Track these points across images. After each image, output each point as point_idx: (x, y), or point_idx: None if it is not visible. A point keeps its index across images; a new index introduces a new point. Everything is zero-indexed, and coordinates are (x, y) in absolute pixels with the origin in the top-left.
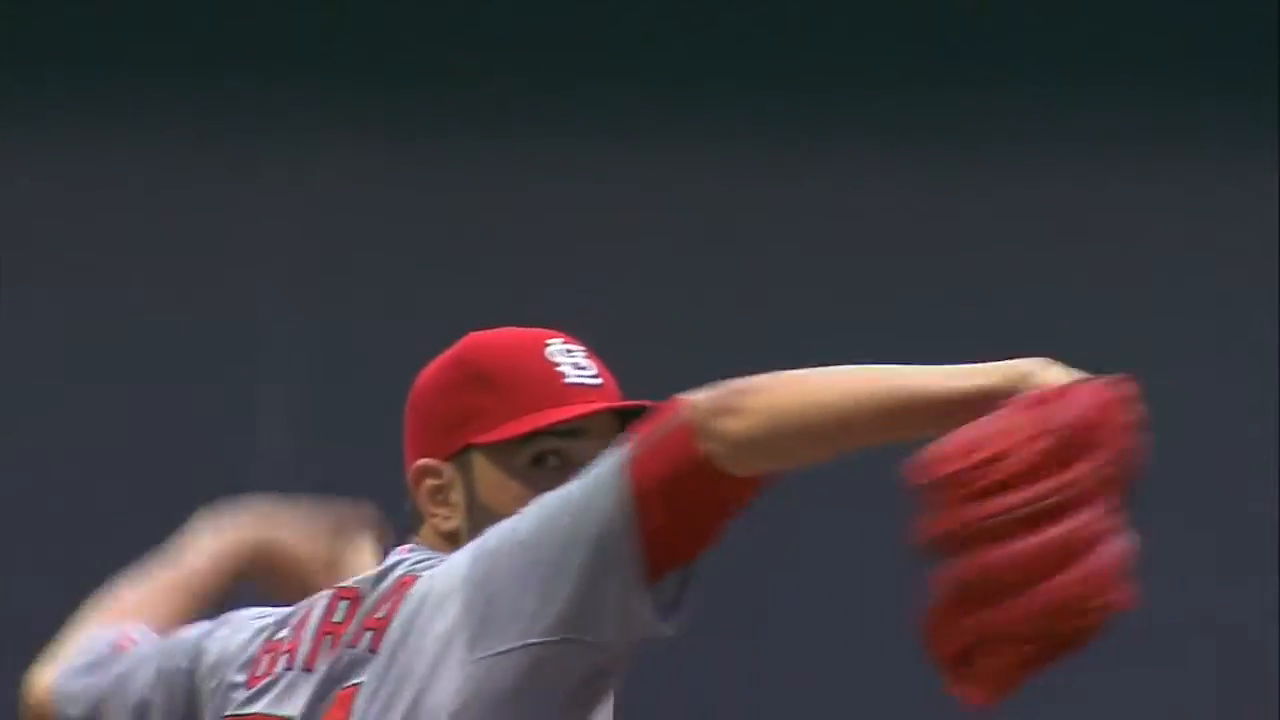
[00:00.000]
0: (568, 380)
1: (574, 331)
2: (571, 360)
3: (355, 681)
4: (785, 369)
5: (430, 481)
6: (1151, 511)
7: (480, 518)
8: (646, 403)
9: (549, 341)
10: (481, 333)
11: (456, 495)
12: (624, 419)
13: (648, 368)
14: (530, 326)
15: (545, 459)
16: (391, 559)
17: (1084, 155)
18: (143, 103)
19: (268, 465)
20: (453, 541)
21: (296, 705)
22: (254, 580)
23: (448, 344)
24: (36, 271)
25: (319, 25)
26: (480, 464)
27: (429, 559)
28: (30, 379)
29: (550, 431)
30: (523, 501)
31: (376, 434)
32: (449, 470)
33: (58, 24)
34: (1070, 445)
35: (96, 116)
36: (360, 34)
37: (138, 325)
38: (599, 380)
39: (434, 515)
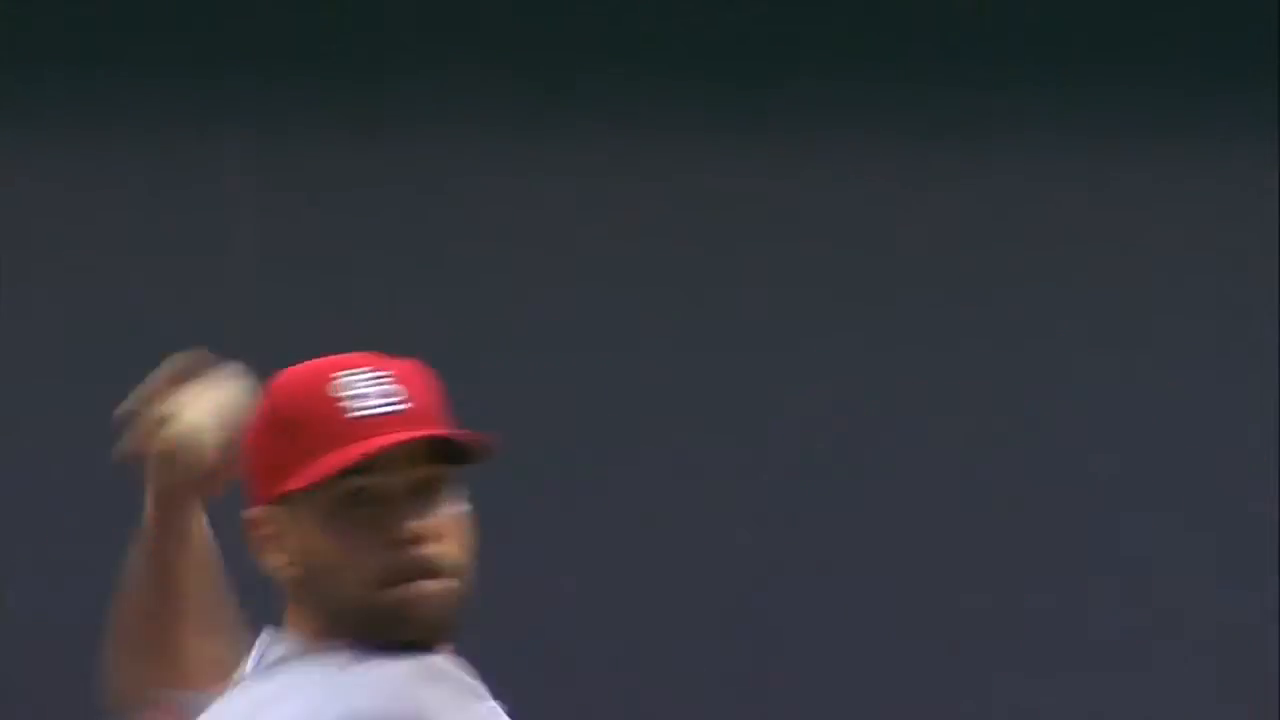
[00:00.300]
0: (351, 415)
1: (572, 330)
2: (367, 388)
3: None
4: (785, 367)
5: (259, 532)
6: (1151, 511)
7: (309, 565)
8: (435, 431)
9: (336, 375)
10: (286, 370)
11: (286, 542)
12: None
13: (647, 367)
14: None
15: (352, 498)
16: (251, 656)
17: (1084, 154)
18: (143, 102)
19: None
20: (295, 589)
21: None
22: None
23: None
24: (36, 271)
25: (317, 21)
26: (294, 512)
27: (276, 667)
28: (30, 379)
29: (343, 474)
30: (342, 546)
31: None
32: (274, 517)
33: (58, 24)
34: None
35: (96, 115)
36: (359, 33)
37: (137, 325)
38: (399, 406)
39: (271, 565)
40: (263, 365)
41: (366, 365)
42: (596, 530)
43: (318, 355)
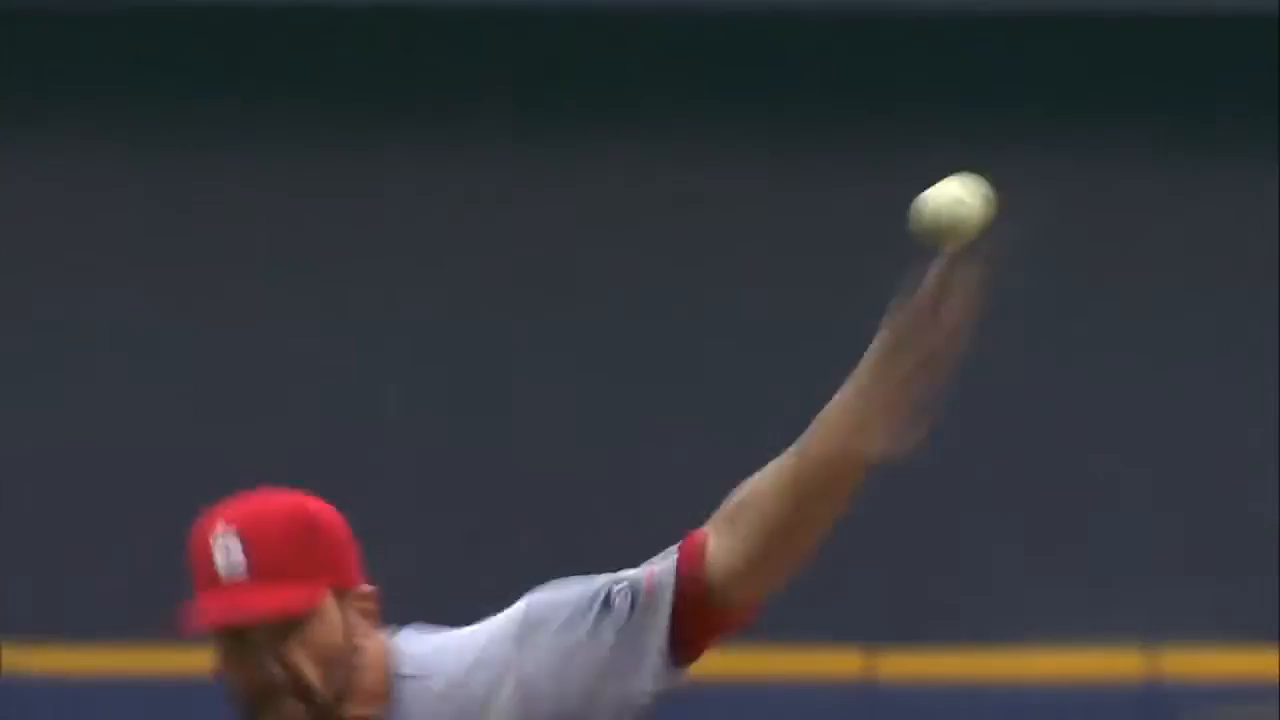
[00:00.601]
0: (217, 574)
1: (574, 331)
2: (226, 554)
3: None
4: (787, 369)
5: None
6: (1152, 511)
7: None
8: (218, 618)
9: (211, 533)
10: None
11: None
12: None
13: (647, 367)
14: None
15: (223, 640)
16: None
17: (1086, 158)
18: (150, 114)
19: (282, 460)
20: None
21: None
22: None
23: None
24: (37, 272)
25: (320, 44)
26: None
27: None
28: (33, 379)
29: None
30: (227, 677)
31: (377, 431)
32: None
33: (73, 47)
34: None
35: (102, 127)
36: (363, 54)
37: (139, 327)
38: (225, 578)
39: None
40: (263, 367)
41: (236, 525)
42: (594, 530)
43: (317, 354)
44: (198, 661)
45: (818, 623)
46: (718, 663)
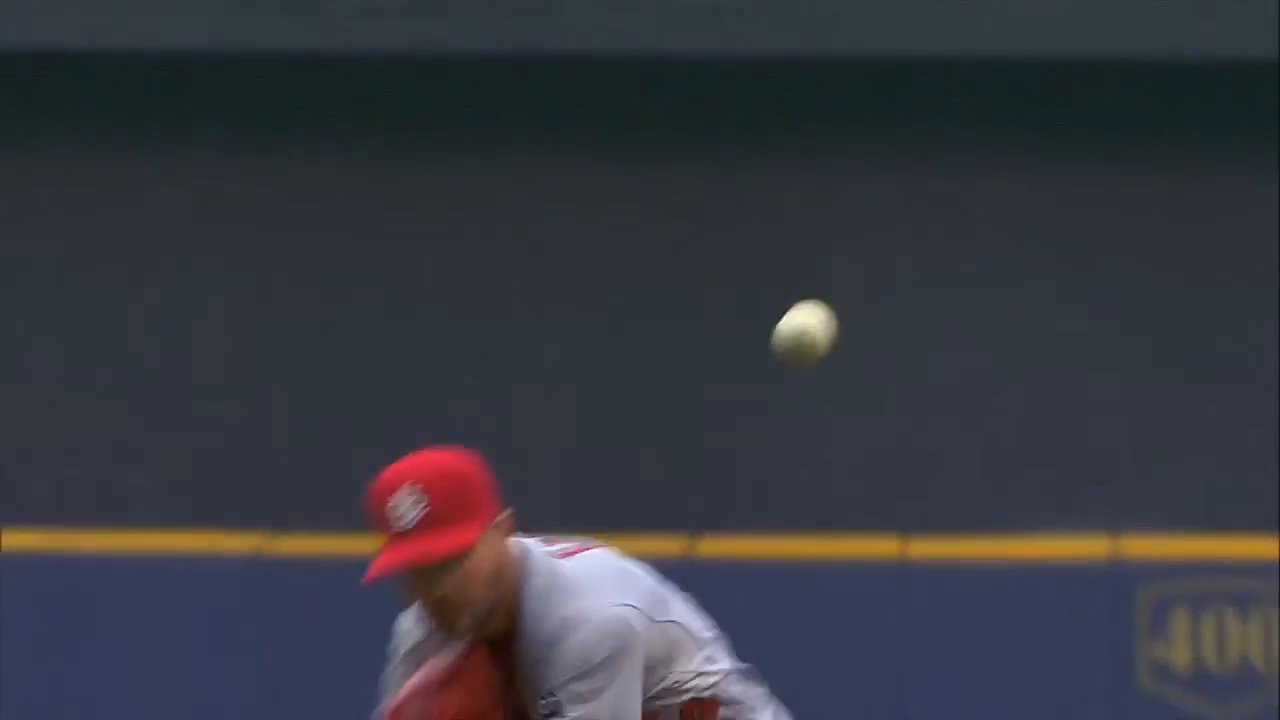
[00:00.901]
0: (390, 527)
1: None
2: (400, 508)
3: None
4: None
5: None
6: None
7: None
8: (404, 562)
9: (385, 494)
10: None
11: None
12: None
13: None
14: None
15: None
16: None
17: (1085, 157)
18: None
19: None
20: None
21: None
22: None
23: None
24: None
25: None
26: None
27: None
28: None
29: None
30: (416, 600)
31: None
32: None
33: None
34: None
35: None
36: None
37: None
38: (405, 526)
39: None
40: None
41: (413, 481)
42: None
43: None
44: None
45: (862, 516)
46: (776, 547)
